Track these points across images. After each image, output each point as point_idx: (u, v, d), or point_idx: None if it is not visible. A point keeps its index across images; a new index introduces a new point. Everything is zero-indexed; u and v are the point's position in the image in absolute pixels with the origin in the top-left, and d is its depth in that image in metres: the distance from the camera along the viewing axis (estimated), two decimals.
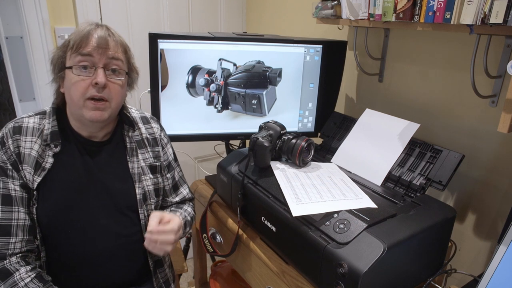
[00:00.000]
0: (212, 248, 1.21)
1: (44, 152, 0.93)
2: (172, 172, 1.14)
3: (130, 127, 1.05)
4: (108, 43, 0.91)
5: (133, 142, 1.04)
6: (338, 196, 0.92)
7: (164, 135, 1.14)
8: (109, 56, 0.91)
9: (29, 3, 1.54)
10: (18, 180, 0.90)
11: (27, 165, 0.91)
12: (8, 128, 0.93)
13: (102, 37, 0.90)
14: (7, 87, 1.76)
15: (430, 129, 1.27)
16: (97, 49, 0.89)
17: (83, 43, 0.89)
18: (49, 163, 0.93)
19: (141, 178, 1.03)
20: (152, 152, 1.08)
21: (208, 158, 2.22)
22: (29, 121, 0.95)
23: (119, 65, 0.93)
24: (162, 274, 1.10)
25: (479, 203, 1.17)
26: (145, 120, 1.10)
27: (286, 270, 0.95)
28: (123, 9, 1.75)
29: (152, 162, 1.07)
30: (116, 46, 0.93)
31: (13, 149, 0.91)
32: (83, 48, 0.89)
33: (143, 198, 1.02)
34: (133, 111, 1.09)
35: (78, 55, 0.89)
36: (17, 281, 0.87)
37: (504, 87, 1.06)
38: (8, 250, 0.88)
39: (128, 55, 0.98)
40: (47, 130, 0.94)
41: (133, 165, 1.02)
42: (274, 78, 1.34)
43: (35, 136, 0.93)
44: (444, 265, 0.97)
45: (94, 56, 0.89)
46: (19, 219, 0.90)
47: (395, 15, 1.06)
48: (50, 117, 0.96)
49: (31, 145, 0.92)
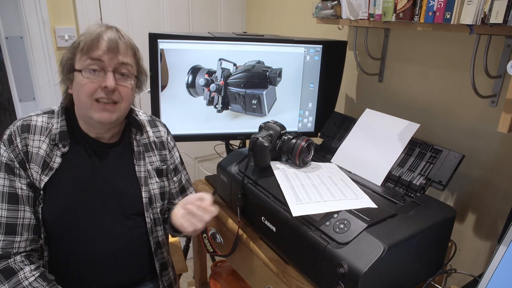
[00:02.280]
0: (212, 248, 1.21)
1: (52, 152, 0.93)
2: (178, 175, 1.15)
3: (138, 131, 1.05)
4: (119, 47, 0.90)
5: (140, 145, 1.04)
6: (338, 196, 0.92)
7: (171, 138, 1.14)
8: (119, 60, 0.90)
9: (29, 3, 1.54)
10: (25, 179, 0.90)
11: (35, 164, 0.91)
12: (17, 126, 0.92)
13: (113, 40, 0.89)
14: (7, 87, 1.76)
15: (430, 129, 1.27)
16: (107, 53, 0.88)
17: (93, 46, 0.88)
18: (56, 163, 0.93)
19: (147, 182, 1.03)
20: (159, 156, 1.08)
21: (208, 158, 2.22)
22: (38, 120, 0.94)
23: (128, 69, 0.93)
24: (166, 277, 1.11)
25: (479, 203, 1.17)
26: (152, 123, 1.11)
27: (286, 270, 0.95)
28: (123, 9, 1.75)
29: (158, 165, 1.07)
30: (126, 50, 0.92)
31: (21, 147, 0.90)
32: (93, 52, 0.88)
33: (149, 201, 1.02)
34: (141, 114, 1.10)
35: (88, 58, 0.88)
36: (21, 279, 0.87)
37: (504, 87, 1.06)
38: (13, 249, 0.88)
39: (138, 57, 0.98)
40: (56, 130, 0.94)
41: (140, 168, 1.02)
42: (274, 78, 1.34)
43: (43, 135, 0.93)
44: (444, 265, 0.97)
45: (104, 60, 0.88)
46: (24, 218, 0.90)
47: (395, 15, 1.06)
48: (59, 116, 0.96)
49: (39, 144, 0.92)
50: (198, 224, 0.94)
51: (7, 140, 0.91)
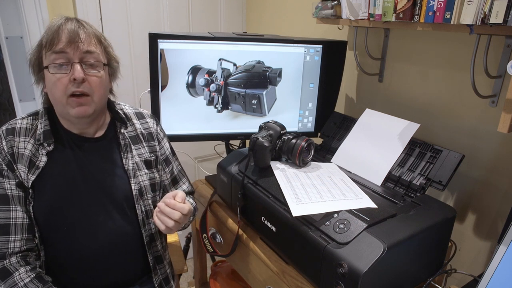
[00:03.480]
0: (212, 248, 1.21)
1: (37, 151, 0.94)
2: (170, 166, 1.14)
3: (123, 124, 1.05)
4: (80, 36, 0.88)
5: (126, 138, 1.04)
6: (338, 196, 0.92)
7: (160, 129, 1.13)
8: (83, 50, 0.89)
9: (29, 3, 1.54)
10: (14, 179, 0.91)
11: (21, 164, 0.92)
12: (2, 130, 0.94)
13: (73, 30, 0.88)
14: (7, 87, 1.76)
15: (430, 129, 1.27)
16: (69, 44, 0.87)
17: (54, 39, 0.87)
18: (43, 162, 0.93)
19: (136, 174, 1.03)
20: (148, 147, 1.08)
21: (208, 158, 2.22)
22: (22, 122, 0.96)
23: (96, 58, 0.92)
24: (162, 270, 1.10)
25: (479, 203, 1.17)
26: (139, 115, 1.10)
27: (286, 270, 0.95)
28: (123, 9, 1.75)
29: (147, 157, 1.07)
30: (89, 38, 0.91)
31: (7, 149, 0.91)
32: (56, 45, 0.87)
33: (139, 193, 1.02)
34: (127, 108, 1.09)
35: (52, 53, 0.87)
36: (17, 281, 0.87)
37: (504, 87, 1.06)
38: (8, 249, 0.89)
39: (104, 45, 0.96)
40: (40, 130, 0.95)
41: (128, 161, 1.02)
42: (274, 78, 1.34)
43: (28, 136, 0.94)
44: (444, 265, 0.97)
45: (68, 52, 0.87)
46: (17, 218, 0.91)
47: (395, 15, 1.06)
48: (42, 117, 0.97)
49: (25, 145, 0.93)
50: (168, 221, 0.90)
51: None
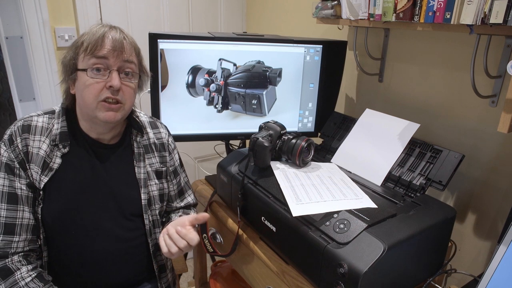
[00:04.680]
0: (212, 248, 1.21)
1: (52, 152, 0.93)
2: (178, 177, 1.15)
3: (139, 132, 1.05)
4: (123, 46, 0.90)
5: (140, 147, 1.04)
6: (338, 196, 0.92)
7: (171, 140, 1.14)
8: (124, 59, 0.91)
9: (29, 3, 1.54)
10: (25, 179, 0.90)
11: (35, 165, 0.91)
12: (17, 126, 0.92)
13: (117, 39, 0.90)
14: (7, 87, 1.76)
15: (430, 129, 1.27)
16: (112, 52, 0.89)
17: (98, 45, 0.88)
18: (56, 164, 0.93)
19: (147, 183, 1.03)
20: (159, 157, 1.08)
21: (208, 158, 2.22)
22: (38, 120, 0.94)
23: (132, 68, 0.93)
24: (164, 279, 1.11)
25: (479, 203, 1.17)
26: (153, 124, 1.11)
27: (286, 270, 0.95)
28: (123, 9, 1.75)
29: (158, 167, 1.07)
30: (131, 49, 0.93)
31: (21, 147, 0.90)
32: (98, 51, 0.88)
33: (148, 203, 1.02)
34: (142, 115, 1.10)
35: (92, 57, 0.88)
36: (18, 280, 0.87)
37: (504, 87, 1.06)
38: (11, 249, 0.88)
39: (140, 58, 0.98)
40: (56, 130, 0.94)
41: (140, 170, 1.02)
42: (274, 78, 1.34)
43: (43, 135, 0.93)
44: (444, 265, 0.97)
45: (109, 59, 0.89)
46: (23, 218, 0.90)
47: (395, 15, 1.06)
48: (60, 117, 0.96)
49: (40, 144, 0.92)
50: (173, 247, 0.91)
51: (7, 140, 0.91)
